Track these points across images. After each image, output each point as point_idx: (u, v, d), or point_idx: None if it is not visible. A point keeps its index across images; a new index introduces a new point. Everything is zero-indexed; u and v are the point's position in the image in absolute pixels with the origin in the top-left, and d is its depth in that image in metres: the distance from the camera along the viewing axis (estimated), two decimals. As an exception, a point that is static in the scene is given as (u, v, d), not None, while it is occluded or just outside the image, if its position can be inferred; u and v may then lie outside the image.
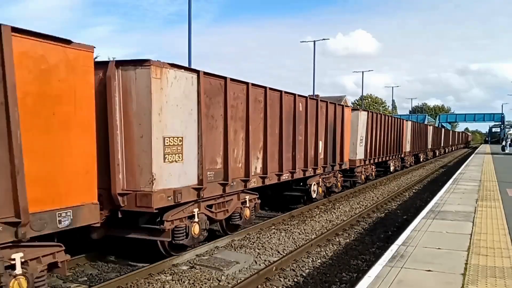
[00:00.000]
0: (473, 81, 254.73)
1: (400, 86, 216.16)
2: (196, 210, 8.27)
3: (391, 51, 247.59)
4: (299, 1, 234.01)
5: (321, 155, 13.86)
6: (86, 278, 7.57)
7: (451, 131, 69.26)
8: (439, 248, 6.41)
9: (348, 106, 17.55)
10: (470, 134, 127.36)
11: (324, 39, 39.17)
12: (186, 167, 7.85)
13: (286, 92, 11.39)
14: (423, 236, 7.16)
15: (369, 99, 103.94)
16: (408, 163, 29.68)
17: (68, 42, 5.69)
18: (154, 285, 7.11)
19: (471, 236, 7.19)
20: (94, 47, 6.05)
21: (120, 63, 7.25)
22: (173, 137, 7.51)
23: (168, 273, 7.63)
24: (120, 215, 7.40)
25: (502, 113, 73.21)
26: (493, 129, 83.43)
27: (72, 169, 5.83)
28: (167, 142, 7.35)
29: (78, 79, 5.85)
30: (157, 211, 7.31)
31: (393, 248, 6.44)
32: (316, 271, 7.84)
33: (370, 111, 20.50)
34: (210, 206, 8.87)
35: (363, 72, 54.23)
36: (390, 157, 23.74)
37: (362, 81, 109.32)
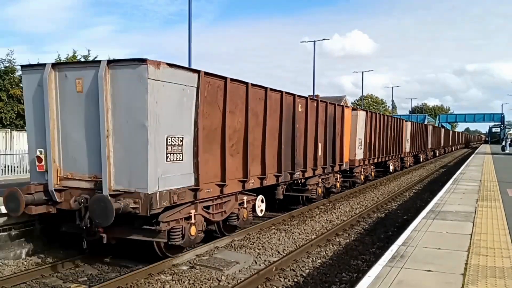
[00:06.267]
0: (470, 81, 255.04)
1: (399, 86, 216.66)
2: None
3: (388, 51, 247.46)
4: (296, 2, 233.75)
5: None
6: (86, 278, 7.57)
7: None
8: (439, 248, 6.40)
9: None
10: (483, 135, 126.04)
11: (324, 39, 39.03)
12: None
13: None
14: (423, 236, 7.15)
15: (369, 99, 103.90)
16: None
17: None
18: (154, 285, 7.10)
19: (471, 236, 7.18)
20: None
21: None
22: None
23: (168, 273, 7.63)
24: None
25: (502, 113, 73.12)
26: (493, 129, 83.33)
27: None
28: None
29: None
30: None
31: (393, 248, 6.43)
32: (316, 271, 7.84)
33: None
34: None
35: (363, 72, 54.15)
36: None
37: (362, 82, 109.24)
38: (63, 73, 7.59)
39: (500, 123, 71.88)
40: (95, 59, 6.89)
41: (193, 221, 8.01)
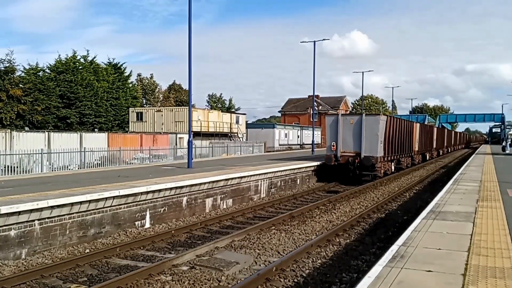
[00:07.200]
0: (470, 81, 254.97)
1: (399, 86, 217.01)
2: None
3: (387, 52, 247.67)
4: (296, 2, 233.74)
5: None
6: (86, 278, 7.57)
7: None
8: (439, 249, 6.38)
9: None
10: (485, 135, 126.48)
11: (324, 39, 39.02)
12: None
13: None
14: (423, 237, 7.14)
15: (370, 99, 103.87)
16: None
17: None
18: (154, 285, 7.10)
19: (471, 237, 7.16)
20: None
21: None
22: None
23: (168, 273, 7.63)
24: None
25: (502, 114, 73.18)
26: (494, 130, 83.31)
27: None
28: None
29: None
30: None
31: (393, 248, 6.42)
32: (316, 272, 7.83)
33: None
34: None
35: (363, 72, 54.11)
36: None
37: (362, 82, 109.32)
38: (345, 117, 21.93)
39: (500, 123, 71.97)
40: (357, 112, 23.37)
41: (381, 168, 21.84)
